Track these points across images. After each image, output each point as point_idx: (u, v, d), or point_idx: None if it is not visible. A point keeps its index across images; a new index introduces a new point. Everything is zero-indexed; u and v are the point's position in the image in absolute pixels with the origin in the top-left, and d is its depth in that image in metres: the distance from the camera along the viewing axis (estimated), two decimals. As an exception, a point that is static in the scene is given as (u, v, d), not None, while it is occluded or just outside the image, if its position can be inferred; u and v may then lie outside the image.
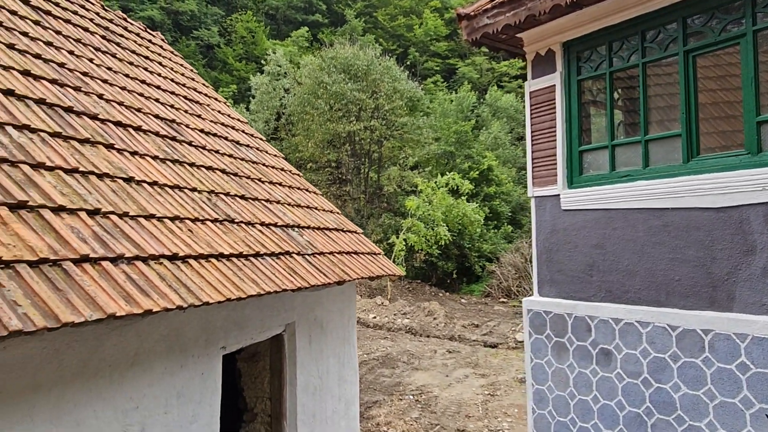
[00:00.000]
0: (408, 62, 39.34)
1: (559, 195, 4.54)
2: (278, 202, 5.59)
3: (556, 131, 4.57)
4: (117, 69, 5.45)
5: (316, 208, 6.33)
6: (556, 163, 4.58)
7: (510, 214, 28.37)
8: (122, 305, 2.63)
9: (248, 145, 6.64)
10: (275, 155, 7.25)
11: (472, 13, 4.56)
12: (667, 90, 4.15)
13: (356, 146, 27.29)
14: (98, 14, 6.55)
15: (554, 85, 4.56)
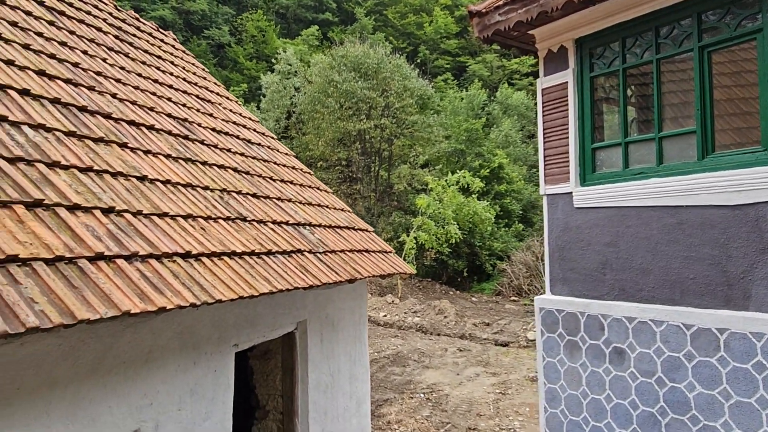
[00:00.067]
0: (418, 60, 39.27)
1: (571, 193, 4.51)
2: (290, 201, 5.60)
3: (568, 128, 4.54)
4: (130, 68, 5.49)
5: (327, 207, 6.34)
6: (568, 161, 4.55)
7: (521, 212, 28.25)
8: (137, 302, 2.65)
9: (259, 144, 6.67)
10: (286, 154, 7.27)
11: (484, 10, 4.54)
12: (680, 86, 4.11)
13: (366, 144, 27.29)
14: (111, 14, 6.60)
15: (567, 82, 4.53)
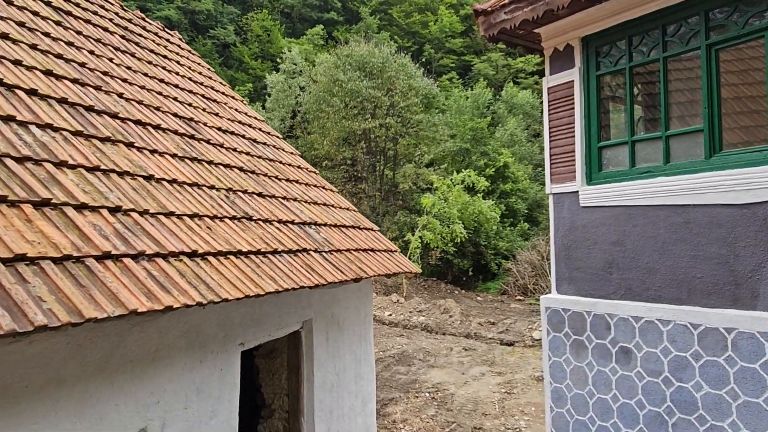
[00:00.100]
0: (423, 59, 39.25)
1: (577, 192, 4.50)
2: (295, 200, 5.61)
3: (574, 127, 4.52)
4: (136, 68, 5.51)
5: (332, 206, 6.35)
6: (574, 160, 4.53)
7: (526, 211, 28.18)
8: (143, 301, 2.66)
9: (265, 143, 6.68)
10: (292, 153, 7.28)
11: (490, 9, 4.53)
12: (687, 85, 4.08)
13: (371, 144, 27.29)
14: (117, 14, 6.62)
15: (573, 81, 4.52)
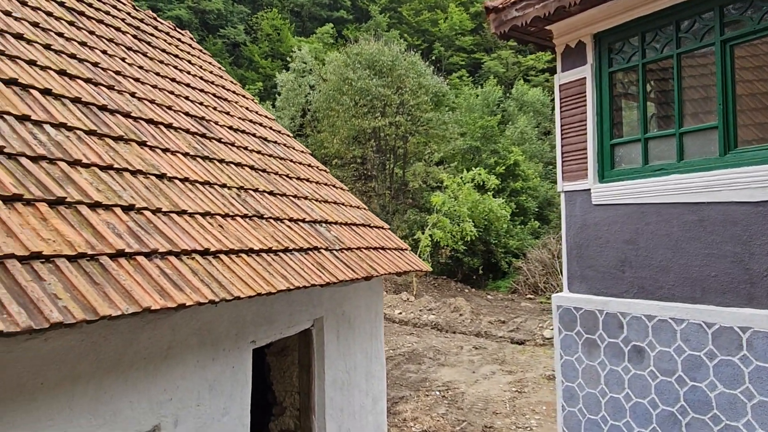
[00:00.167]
0: (433, 57, 39.17)
1: (589, 189, 4.47)
2: (306, 198, 5.62)
3: (586, 125, 4.49)
4: (148, 68, 5.55)
5: (343, 204, 6.36)
6: (586, 157, 4.50)
7: (537, 209, 28.06)
8: (157, 299, 2.68)
9: (276, 142, 6.70)
10: (302, 151, 7.30)
11: (501, 6, 4.50)
12: (701, 81, 4.04)
13: (381, 142, 27.28)
14: (129, 14, 6.67)
15: (585, 78, 4.48)
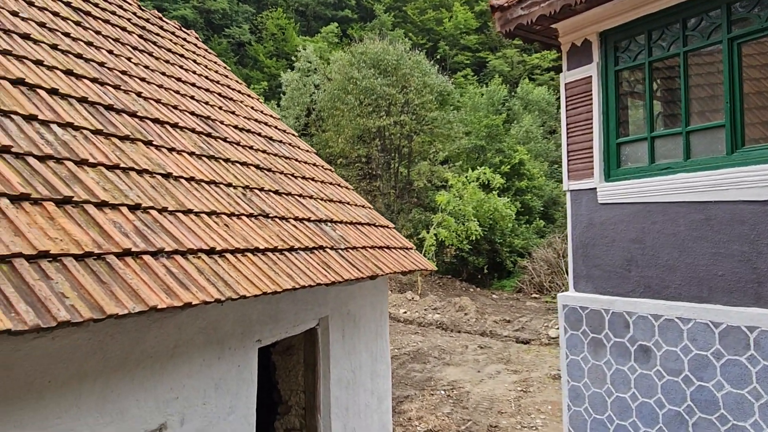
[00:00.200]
0: (438, 56, 39.11)
1: (595, 188, 4.45)
2: (311, 197, 5.63)
3: (592, 123, 4.48)
4: (154, 67, 5.57)
5: (348, 203, 6.36)
6: (592, 156, 4.49)
7: (542, 208, 27.99)
8: (163, 298, 2.69)
9: (281, 141, 6.70)
10: (307, 151, 7.31)
11: (506, 5, 4.50)
12: (708, 80, 4.02)
13: (386, 141, 27.28)
14: (135, 14, 6.69)
15: (591, 76, 4.47)
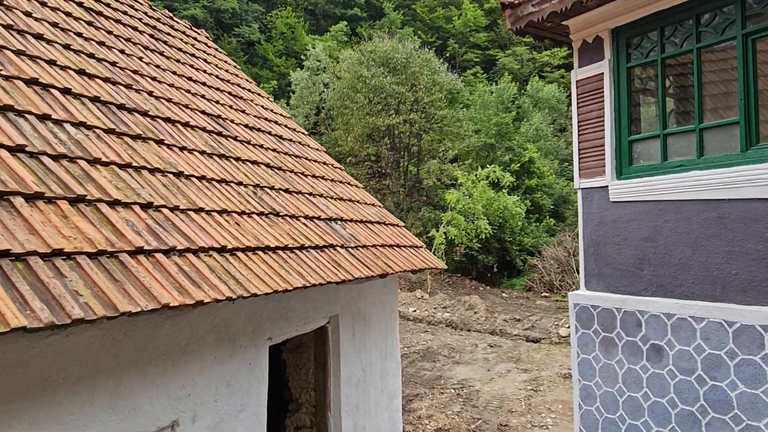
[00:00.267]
0: (447, 54, 38.95)
1: (607, 186, 4.42)
2: (321, 196, 5.64)
3: (604, 121, 4.45)
4: (165, 67, 5.60)
5: (358, 202, 6.36)
6: (604, 154, 4.46)
7: (552, 206, 27.82)
8: (175, 296, 2.71)
9: (291, 140, 6.72)
10: (317, 149, 7.32)
11: (517, 2, 4.47)
12: (722, 76, 3.98)
13: (395, 140, 27.25)
14: (146, 14, 6.73)
15: (602, 73, 4.44)
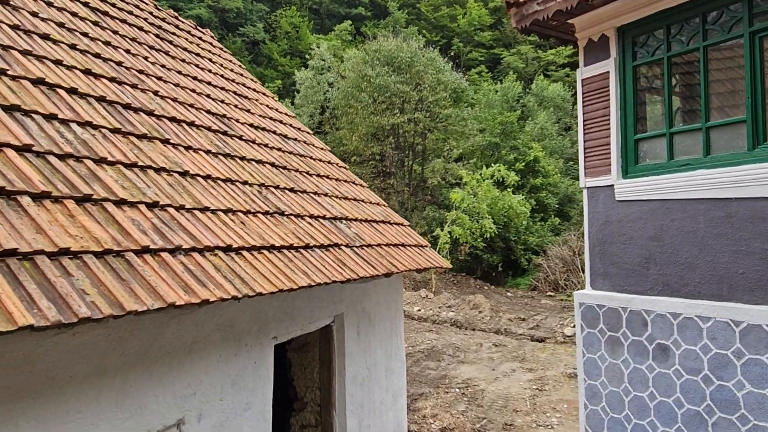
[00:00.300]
0: (452, 53, 38.89)
1: (613, 185, 4.40)
2: (326, 195, 5.64)
3: (609, 119, 4.43)
4: (170, 66, 5.61)
5: (363, 201, 6.37)
6: (609, 153, 4.44)
7: (557, 206, 27.74)
8: (181, 295, 2.72)
9: (296, 139, 6.73)
10: (322, 148, 7.32)
11: (522, 0, 4.46)
12: (728, 74, 3.95)
13: (400, 139, 27.23)
14: (152, 14, 6.75)
15: (608, 72, 4.42)
